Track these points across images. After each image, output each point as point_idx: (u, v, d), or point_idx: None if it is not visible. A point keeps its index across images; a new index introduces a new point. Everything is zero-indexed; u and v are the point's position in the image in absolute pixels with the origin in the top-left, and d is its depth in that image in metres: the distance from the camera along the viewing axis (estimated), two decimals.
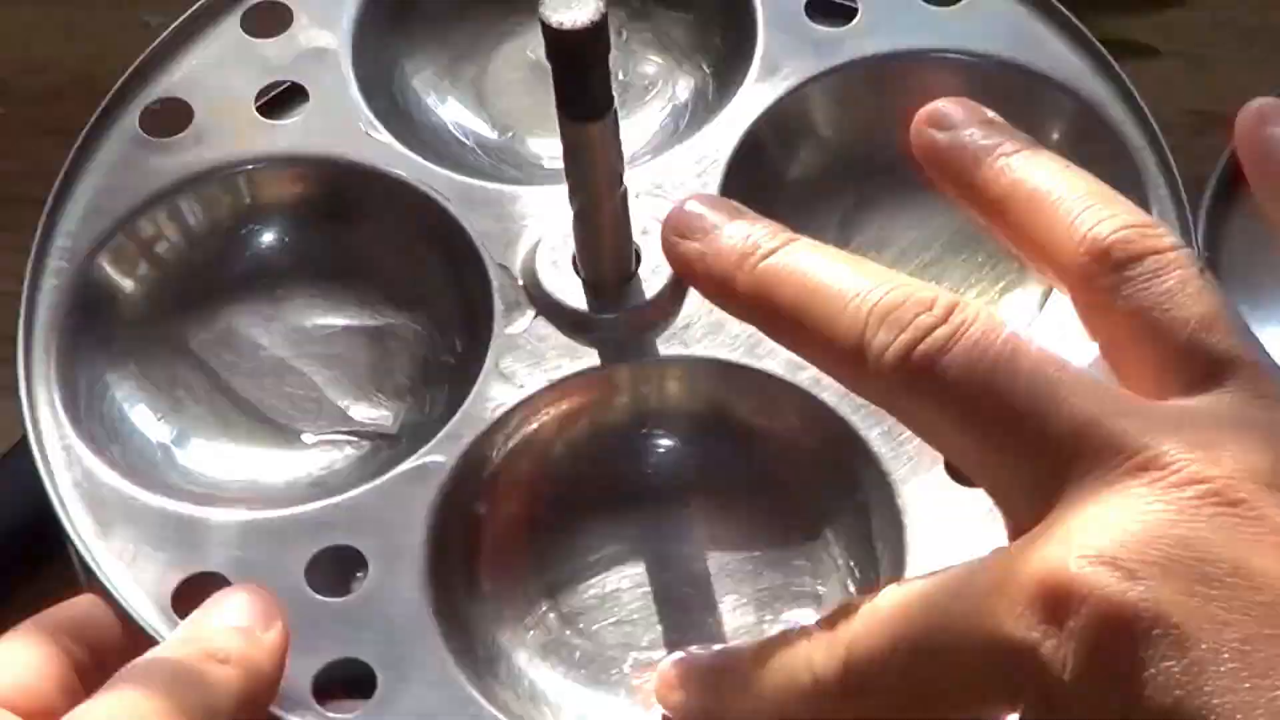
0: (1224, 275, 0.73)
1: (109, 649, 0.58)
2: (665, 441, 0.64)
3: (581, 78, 0.58)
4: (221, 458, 0.66)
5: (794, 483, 0.63)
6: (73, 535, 0.61)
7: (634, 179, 0.67)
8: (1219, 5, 0.88)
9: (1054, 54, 0.69)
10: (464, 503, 0.62)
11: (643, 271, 0.65)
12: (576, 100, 0.59)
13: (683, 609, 0.61)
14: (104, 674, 0.57)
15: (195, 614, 0.58)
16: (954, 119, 0.55)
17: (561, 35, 0.56)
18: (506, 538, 0.62)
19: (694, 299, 0.64)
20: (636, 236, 0.65)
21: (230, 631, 0.56)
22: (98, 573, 0.60)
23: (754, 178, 0.68)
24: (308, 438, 0.66)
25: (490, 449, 0.62)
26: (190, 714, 0.53)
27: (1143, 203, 0.65)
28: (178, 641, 0.57)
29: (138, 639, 0.59)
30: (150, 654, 0.56)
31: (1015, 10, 0.71)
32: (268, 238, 0.70)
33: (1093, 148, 0.67)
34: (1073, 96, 0.68)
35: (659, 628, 0.61)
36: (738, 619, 0.61)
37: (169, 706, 0.52)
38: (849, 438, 0.61)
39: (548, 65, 0.58)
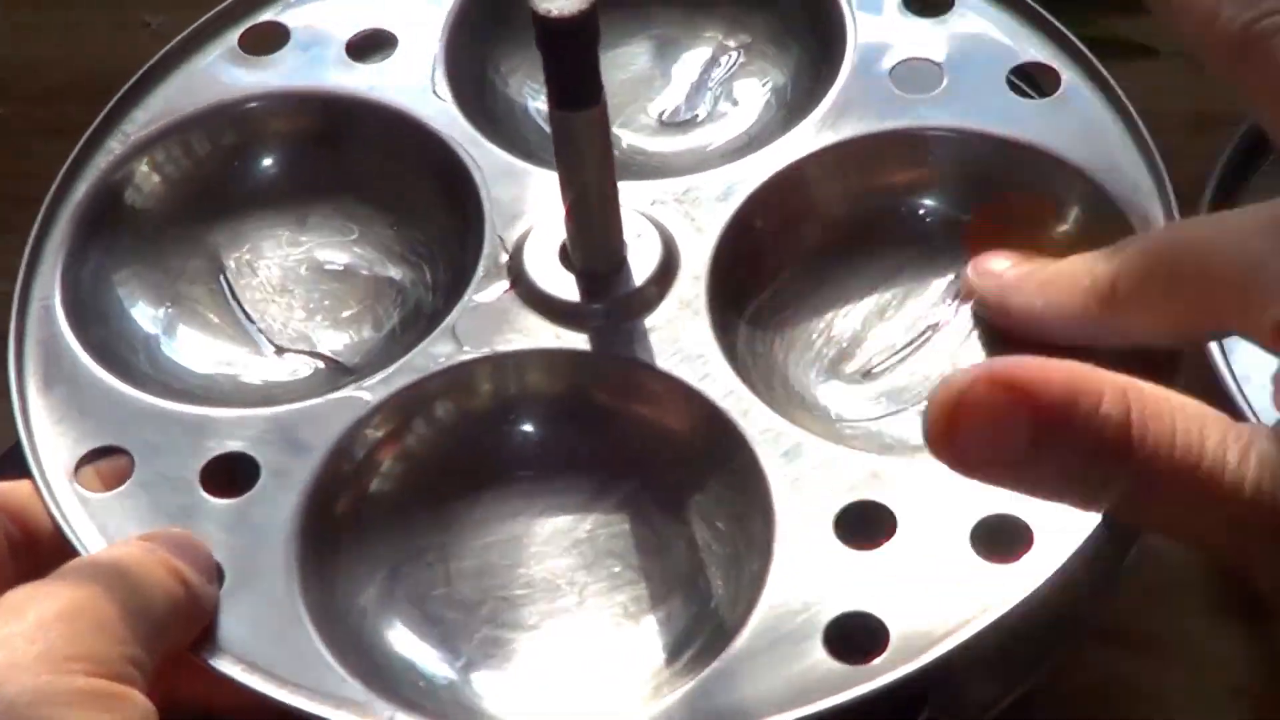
0: None
1: (42, 537, 0.60)
2: (580, 427, 0.64)
3: (570, 66, 0.59)
4: (191, 352, 0.68)
5: (687, 482, 0.62)
6: (14, 385, 0.64)
7: (664, 188, 0.68)
8: None
9: (1125, 164, 0.67)
10: (369, 444, 0.62)
11: (629, 267, 0.65)
12: (565, 89, 0.60)
13: (553, 596, 0.61)
14: (34, 560, 0.59)
15: (161, 530, 0.59)
16: None
17: (551, 23, 0.57)
18: (399, 488, 0.63)
19: (671, 301, 0.65)
20: (630, 238, 0.65)
21: (191, 560, 0.58)
22: (19, 420, 0.63)
23: (774, 216, 0.68)
24: (275, 353, 0.67)
25: (414, 402, 0.63)
26: (131, 611, 0.54)
27: None
28: (139, 546, 0.58)
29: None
30: (108, 550, 0.58)
31: (1101, 116, 0.68)
32: (304, 167, 0.72)
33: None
34: (1120, 218, 0.65)
35: (522, 611, 0.61)
36: (604, 608, 0.61)
37: (114, 598, 0.54)
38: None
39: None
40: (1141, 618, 0.66)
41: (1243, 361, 0.72)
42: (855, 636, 0.57)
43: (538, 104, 0.75)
